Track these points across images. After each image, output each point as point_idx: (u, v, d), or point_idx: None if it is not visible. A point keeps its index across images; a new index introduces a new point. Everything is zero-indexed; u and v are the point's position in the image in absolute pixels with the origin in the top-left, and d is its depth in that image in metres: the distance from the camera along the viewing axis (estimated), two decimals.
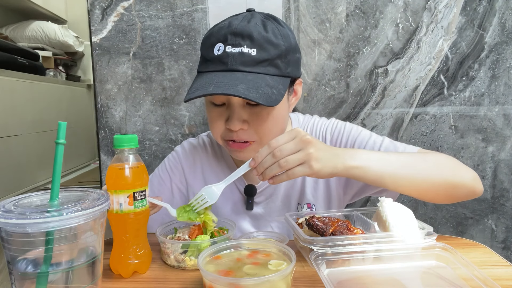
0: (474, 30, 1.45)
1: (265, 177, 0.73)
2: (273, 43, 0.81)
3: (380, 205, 0.73)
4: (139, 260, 0.72)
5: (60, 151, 0.58)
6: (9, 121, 2.48)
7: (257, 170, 0.74)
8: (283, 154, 0.71)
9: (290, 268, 0.57)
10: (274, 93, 0.79)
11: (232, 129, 0.84)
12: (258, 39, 0.80)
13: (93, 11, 1.48)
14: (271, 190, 0.98)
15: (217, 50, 0.81)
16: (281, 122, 0.89)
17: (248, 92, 0.75)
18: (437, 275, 0.64)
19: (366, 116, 1.51)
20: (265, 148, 0.72)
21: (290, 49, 0.84)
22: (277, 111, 0.85)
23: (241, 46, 0.79)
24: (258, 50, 0.80)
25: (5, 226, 0.52)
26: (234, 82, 0.77)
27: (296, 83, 0.93)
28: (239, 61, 0.79)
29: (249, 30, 0.80)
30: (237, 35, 0.80)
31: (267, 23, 0.83)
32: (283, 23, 0.88)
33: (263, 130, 0.85)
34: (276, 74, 0.82)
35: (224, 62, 0.80)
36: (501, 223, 1.53)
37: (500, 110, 1.48)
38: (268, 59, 0.81)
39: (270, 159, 0.71)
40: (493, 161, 1.50)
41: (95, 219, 0.57)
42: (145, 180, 0.72)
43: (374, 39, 1.47)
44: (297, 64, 0.89)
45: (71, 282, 0.56)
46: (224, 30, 0.82)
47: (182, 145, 1.08)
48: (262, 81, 0.79)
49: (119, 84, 1.51)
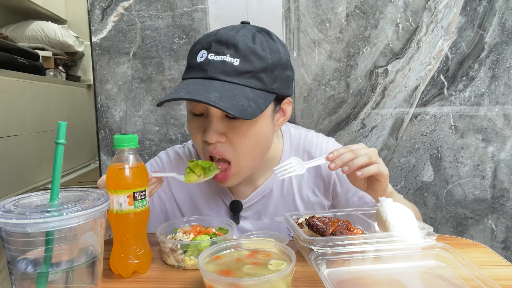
0: (474, 30, 1.45)
1: (353, 168, 0.76)
2: (259, 55, 0.77)
3: (380, 205, 0.73)
4: (139, 260, 0.72)
5: (60, 151, 0.58)
6: (9, 121, 2.48)
7: (335, 162, 0.76)
8: (362, 152, 0.76)
9: (290, 268, 0.57)
10: (251, 105, 0.75)
11: (208, 141, 0.79)
12: (243, 49, 0.76)
13: (93, 11, 1.48)
14: (260, 206, 0.96)
15: (200, 57, 0.79)
16: (263, 141, 0.84)
17: (219, 101, 0.71)
18: (437, 275, 0.64)
19: (366, 116, 1.51)
20: (342, 148, 0.78)
21: (278, 64, 0.80)
22: (258, 128, 0.81)
23: (224, 55, 0.76)
24: (241, 61, 0.76)
25: (5, 226, 0.52)
26: (207, 89, 0.74)
27: (285, 102, 0.87)
28: (219, 69, 0.76)
29: (234, 39, 0.77)
30: (221, 43, 0.77)
31: (257, 35, 0.80)
32: (277, 39, 0.84)
33: (240, 146, 0.80)
34: (259, 88, 0.78)
35: (204, 70, 0.77)
36: (501, 223, 1.53)
37: (500, 110, 1.48)
38: (251, 71, 0.77)
39: (350, 154, 0.76)
40: (493, 161, 1.50)
41: (95, 219, 0.57)
42: (145, 180, 0.72)
43: (374, 39, 1.47)
44: (287, 82, 0.84)
45: (71, 282, 0.56)
46: (210, 38, 0.79)
47: (167, 153, 1.03)
48: (240, 92, 0.75)
49: (119, 84, 1.51)
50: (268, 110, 0.81)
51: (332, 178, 0.96)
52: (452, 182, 1.52)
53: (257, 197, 0.95)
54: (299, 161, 0.80)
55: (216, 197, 0.97)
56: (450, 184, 1.52)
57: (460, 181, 1.52)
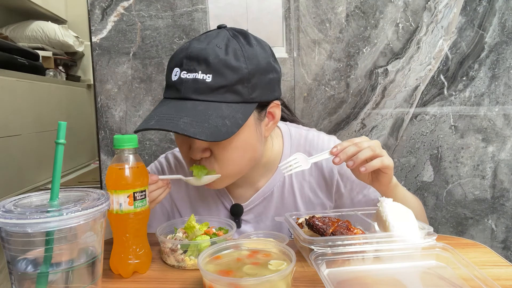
0: (474, 30, 1.45)
1: (357, 162, 0.76)
2: (232, 67, 0.74)
3: (380, 205, 0.73)
4: (139, 260, 0.72)
5: (60, 151, 0.58)
6: (9, 121, 2.48)
7: (340, 157, 0.76)
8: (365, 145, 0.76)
9: (290, 268, 0.57)
10: (226, 124, 0.73)
11: (193, 157, 0.80)
12: (215, 64, 0.74)
13: (93, 11, 1.48)
14: (261, 209, 0.95)
15: (174, 76, 0.77)
16: (248, 151, 0.82)
17: (189, 127, 0.70)
18: (437, 275, 0.64)
19: (366, 116, 1.51)
20: (345, 142, 0.78)
21: (255, 71, 0.77)
22: (241, 140, 0.79)
23: (195, 72, 0.74)
24: (214, 76, 0.74)
25: (5, 226, 0.52)
26: (179, 115, 0.73)
27: (272, 106, 0.84)
28: (192, 88, 0.74)
29: (205, 53, 0.74)
30: (192, 59, 0.75)
31: (231, 43, 0.77)
32: (256, 41, 0.81)
33: (224, 159, 0.80)
34: (236, 101, 0.76)
35: (178, 89, 0.76)
36: (501, 223, 1.53)
37: (500, 110, 1.48)
38: (225, 85, 0.74)
39: (354, 147, 0.76)
40: (493, 161, 1.50)
41: (95, 219, 0.57)
42: (145, 180, 0.72)
43: (374, 39, 1.47)
44: (270, 86, 0.81)
45: (71, 282, 0.56)
46: (182, 53, 0.77)
47: (166, 157, 1.02)
48: (214, 111, 0.74)
49: (119, 84, 1.51)
50: (250, 119, 0.79)
51: (335, 179, 0.94)
52: (452, 182, 1.52)
53: (258, 200, 0.95)
54: (304, 157, 0.80)
55: (216, 200, 0.97)
56: (450, 184, 1.52)
57: (460, 181, 1.52)
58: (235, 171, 0.84)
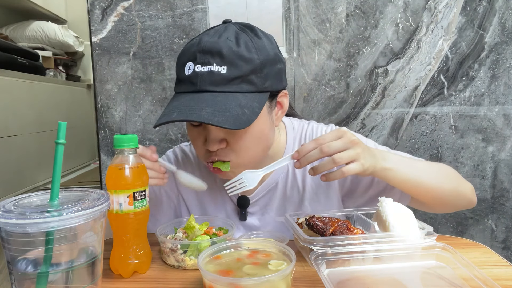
0: (474, 30, 1.45)
1: (317, 172, 0.74)
2: (245, 58, 0.77)
3: (380, 205, 0.73)
4: (139, 260, 0.72)
5: (60, 151, 0.58)
6: (9, 121, 2.48)
7: (300, 162, 0.74)
8: (331, 150, 0.72)
9: (290, 268, 0.57)
10: (245, 113, 0.75)
11: (210, 149, 0.81)
12: (229, 56, 0.76)
13: (93, 11, 1.48)
14: (266, 200, 0.96)
15: (188, 70, 0.78)
16: (263, 139, 0.84)
17: (212, 117, 0.72)
18: (437, 275, 0.64)
19: (366, 116, 1.51)
20: (311, 143, 0.74)
21: (266, 62, 0.79)
22: (256, 129, 0.81)
23: (210, 65, 0.76)
24: (228, 68, 0.76)
25: (5, 226, 0.52)
26: (199, 106, 0.74)
27: (280, 95, 0.87)
28: (208, 81, 0.76)
29: (218, 46, 0.76)
30: (206, 53, 0.77)
31: (240, 36, 0.79)
32: (262, 33, 0.83)
33: (241, 148, 0.81)
34: (251, 91, 0.78)
35: (194, 83, 0.77)
36: (501, 223, 1.53)
37: (500, 110, 1.48)
38: (240, 76, 0.77)
39: (316, 153, 0.73)
40: (493, 161, 1.50)
41: (95, 219, 0.57)
42: (145, 180, 0.72)
43: (374, 39, 1.47)
44: (279, 76, 0.84)
45: (71, 282, 0.56)
46: (194, 48, 0.79)
47: (174, 151, 1.04)
48: (232, 101, 0.75)
49: (119, 84, 1.51)
50: (264, 108, 0.81)
51: None
52: None
53: (263, 191, 0.96)
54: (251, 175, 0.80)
55: (222, 193, 0.97)
56: None
57: None
58: (250, 160, 0.85)
